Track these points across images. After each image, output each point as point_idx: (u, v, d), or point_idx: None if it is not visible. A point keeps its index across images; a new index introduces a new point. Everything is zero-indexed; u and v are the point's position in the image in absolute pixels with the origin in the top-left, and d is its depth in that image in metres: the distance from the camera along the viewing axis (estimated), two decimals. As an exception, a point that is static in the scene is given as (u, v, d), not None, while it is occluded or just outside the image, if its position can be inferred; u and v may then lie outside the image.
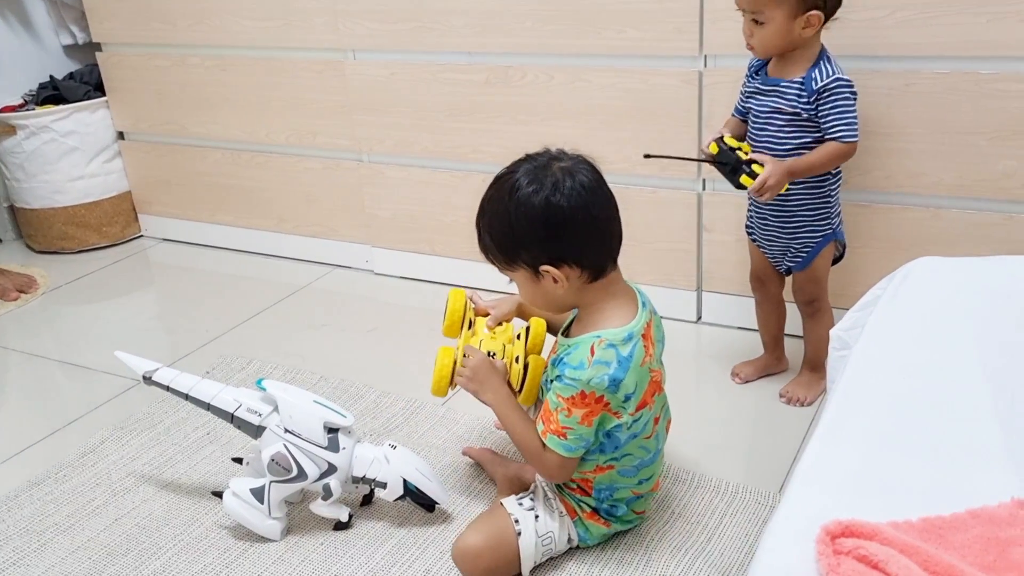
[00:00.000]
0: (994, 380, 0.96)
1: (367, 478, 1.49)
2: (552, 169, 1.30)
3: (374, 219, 2.51)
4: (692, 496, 1.57)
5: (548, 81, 2.11)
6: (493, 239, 1.34)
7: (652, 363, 1.34)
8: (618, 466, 1.38)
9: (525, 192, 1.28)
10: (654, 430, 1.38)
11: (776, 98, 1.65)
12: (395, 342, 2.20)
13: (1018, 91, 1.66)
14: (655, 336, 1.38)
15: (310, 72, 2.42)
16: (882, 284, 1.24)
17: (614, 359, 1.28)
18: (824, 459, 0.86)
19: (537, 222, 1.28)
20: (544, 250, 1.29)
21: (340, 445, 1.48)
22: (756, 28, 1.59)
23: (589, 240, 1.30)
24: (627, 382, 1.29)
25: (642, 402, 1.33)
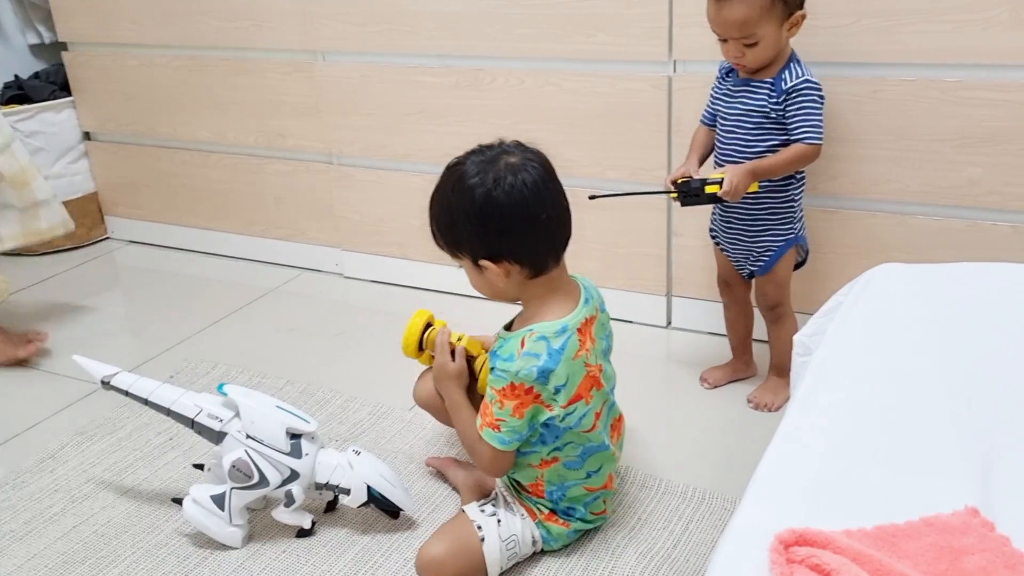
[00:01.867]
0: (952, 387, 0.96)
1: (330, 484, 1.48)
2: (499, 164, 1.29)
3: (344, 222, 2.49)
4: (659, 502, 1.57)
5: (518, 85, 2.10)
6: (438, 228, 1.35)
7: (589, 358, 1.34)
8: (562, 457, 1.38)
9: (468, 185, 1.29)
10: (595, 424, 1.37)
11: (746, 99, 1.65)
12: (363, 346, 2.18)
13: (983, 99, 1.67)
14: (597, 332, 1.38)
15: (279, 73, 2.40)
16: (844, 290, 1.24)
17: (544, 351, 1.29)
18: (781, 466, 0.86)
19: (475, 217, 1.28)
20: (483, 245, 1.31)
21: (303, 451, 1.46)
22: (748, 49, 1.58)
23: (529, 239, 1.31)
24: (558, 373, 1.29)
25: (576, 395, 1.33)
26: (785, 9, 1.55)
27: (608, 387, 1.41)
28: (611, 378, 1.43)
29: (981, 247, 1.77)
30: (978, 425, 0.90)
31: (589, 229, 2.14)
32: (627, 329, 2.17)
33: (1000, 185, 1.72)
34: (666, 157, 2.00)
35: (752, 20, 1.54)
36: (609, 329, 1.44)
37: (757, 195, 1.68)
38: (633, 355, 2.04)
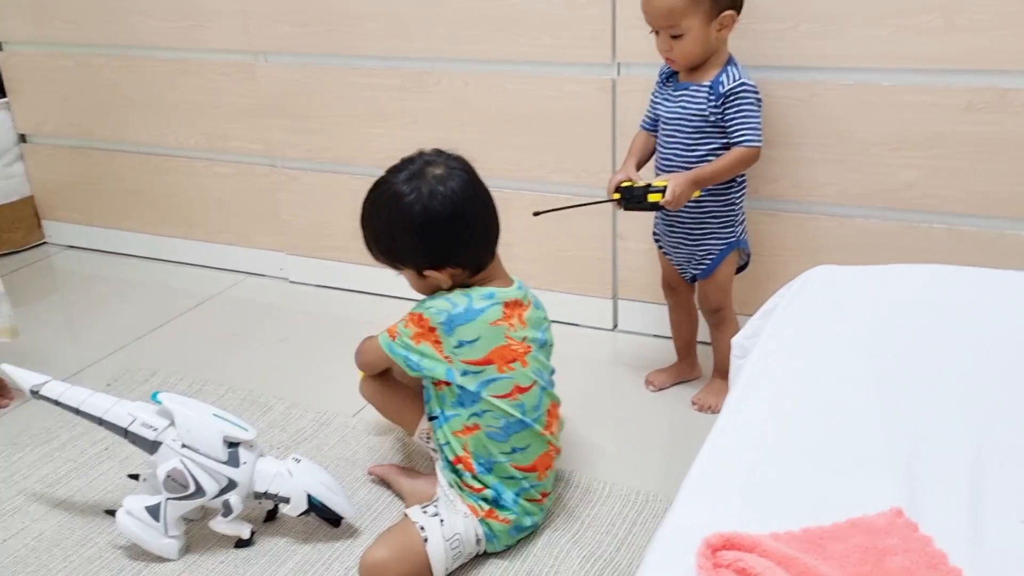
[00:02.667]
0: (881, 388, 0.97)
1: (269, 493, 1.45)
2: (427, 176, 1.37)
3: (288, 226, 2.46)
4: (603, 505, 1.57)
5: (463, 87, 2.09)
6: (377, 246, 1.43)
7: (511, 331, 1.40)
8: (483, 425, 1.41)
9: (404, 202, 1.36)
10: (515, 396, 1.40)
11: (685, 102, 1.66)
12: (308, 352, 2.15)
13: (918, 102, 1.70)
14: (530, 321, 1.44)
15: (220, 74, 2.36)
16: (781, 292, 1.26)
17: (463, 304, 1.38)
18: (713, 469, 0.86)
19: (415, 232, 1.36)
20: (425, 256, 1.38)
21: (241, 459, 1.43)
22: (675, 42, 1.60)
23: (466, 243, 1.39)
24: (465, 329, 1.37)
25: (486, 359, 1.38)
26: (714, 6, 1.57)
27: (534, 368, 1.43)
28: (545, 367, 1.47)
29: (918, 249, 1.80)
30: (904, 426, 0.91)
31: (536, 233, 2.13)
32: (574, 332, 2.17)
33: (935, 188, 1.75)
34: (610, 159, 2.00)
35: (677, 11, 1.56)
36: (546, 326, 1.49)
37: (699, 200, 1.69)
38: (580, 358, 2.04)
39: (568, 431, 1.71)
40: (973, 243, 1.75)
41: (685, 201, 1.62)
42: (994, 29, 1.60)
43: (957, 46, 1.64)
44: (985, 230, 1.74)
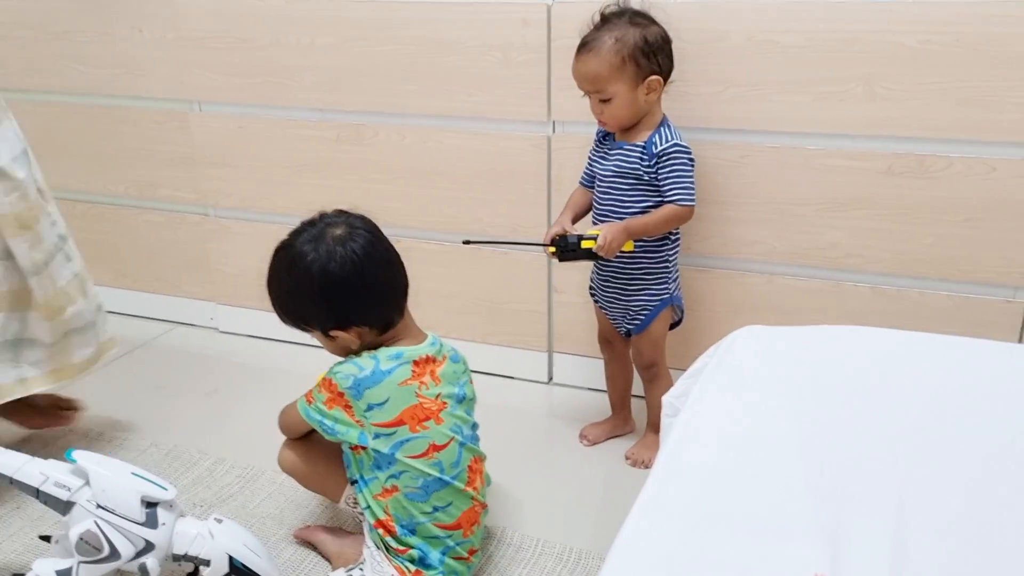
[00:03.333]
0: (806, 452, 0.98)
1: (189, 555, 1.40)
2: (327, 238, 1.38)
3: (220, 275, 2.42)
4: (535, 564, 1.55)
5: (400, 140, 2.10)
6: (282, 309, 1.44)
7: (423, 390, 1.39)
8: (401, 487, 1.38)
9: (302, 265, 1.37)
10: (431, 454, 1.38)
11: (620, 161, 1.69)
12: (236, 405, 2.10)
13: (842, 166, 1.76)
14: (446, 376, 1.43)
15: (152, 122, 2.33)
16: (710, 352, 1.27)
17: (370, 367, 1.37)
18: (640, 535, 0.86)
19: (317, 295, 1.37)
20: (330, 317, 1.39)
21: (159, 520, 1.38)
22: (604, 106, 1.65)
23: (370, 303, 1.39)
24: (373, 392, 1.36)
25: (397, 420, 1.36)
26: (638, 71, 1.61)
27: (450, 425, 1.41)
28: (464, 421, 1.45)
29: (844, 307, 1.84)
30: (829, 490, 0.92)
31: (471, 286, 2.14)
32: (509, 385, 2.17)
33: (858, 248, 1.80)
34: (546, 215, 2.02)
35: (602, 76, 1.61)
36: (465, 380, 1.49)
37: (633, 255, 1.71)
38: (514, 411, 2.03)
39: (501, 486, 1.70)
40: (895, 302, 1.80)
41: (617, 248, 1.64)
42: (912, 98, 1.67)
43: (878, 113, 1.70)
44: (906, 290, 1.80)
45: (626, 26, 1.62)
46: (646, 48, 1.61)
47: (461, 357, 1.49)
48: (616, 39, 1.60)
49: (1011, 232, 1.69)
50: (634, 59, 1.61)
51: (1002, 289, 1.74)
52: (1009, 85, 1.61)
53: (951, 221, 1.72)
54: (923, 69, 1.65)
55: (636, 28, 1.62)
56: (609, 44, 1.60)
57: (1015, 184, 1.66)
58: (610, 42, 1.60)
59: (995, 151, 1.66)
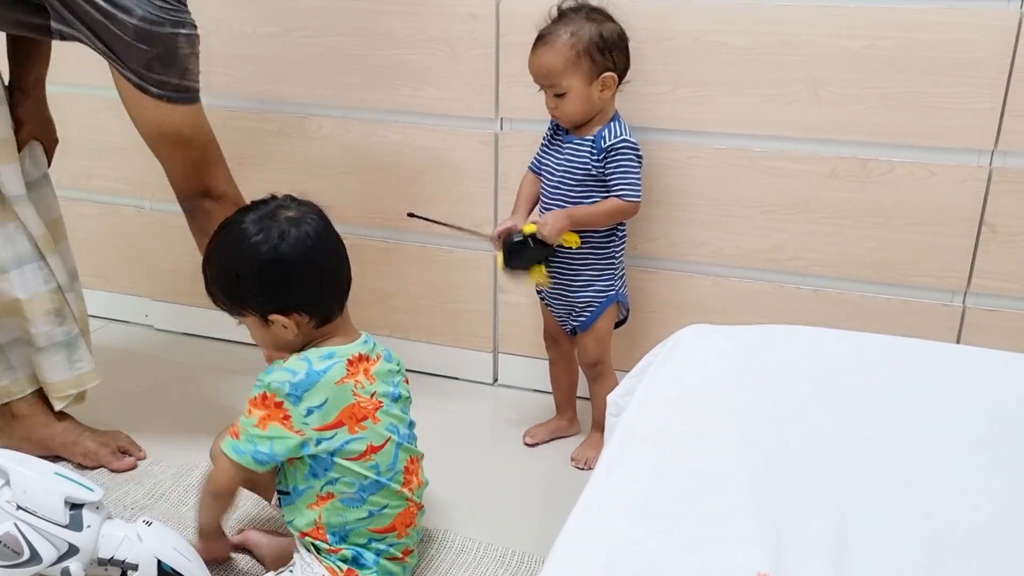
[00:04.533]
0: (749, 450, 0.98)
1: (115, 559, 1.34)
2: (279, 218, 1.32)
3: (155, 271, 2.35)
4: (476, 567, 1.52)
5: (344, 134, 2.06)
6: (220, 288, 1.37)
7: (358, 389, 1.34)
8: (337, 493, 1.33)
9: (251, 243, 1.30)
10: (368, 456, 1.34)
11: (570, 155, 1.69)
12: (170, 403, 2.04)
13: (786, 168, 1.77)
14: (381, 376, 1.39)
15: (89, 111, 2.25)
16: (655, 351, 1.26)
17: (303, 369, 1.30)
18: (581, 536, 0.84)
19: (263, 273, 1.31)
20: (270, 300, 1.32)
21: (84, 523, 1.32)
22: (559, 100, 1.64)
23: (314, 289, 1.34)
24: (311, 394, 1.29)
25: (336, 421, 1.31)
26: (593, 67, 1.61)
27: (386, 424, 1.37)
28: (401, 420, 1.41)
29: (787, 309, 1.85)
30: (772, 490, 0.91)
31: (415, 284, 2.10)
32: (454, 386, 2.14)
33: (802, 251, 1.81)
34: (492, 212, 2.00)
35: (556, 70, 1.60)
36: (399, 379, 1.44)
37: (579, 251, 1.70)
38: (459, 412, 2.00)
39: (443, 488, 1.67)
40: (837, 304, 1.82)
41: (559, 233, 1.66)
42: (855, 103, 1.69)
43: (822, 117, 1.72)
44: (848, 293, 1.81)
45: (582, 21, 1.61)
46: (601, 44, 1.61)
47: (395, 356, 1.45)
48: (571, 33, 1.60)
49: (949, 237, 1.72)
50: (589, 54, 1.60)
51: (941, 293, 1.76)
52: (948, 91, 1.64)
53: (892, 225, 1.74)
54: (866, 74, 1.67)
55: (592, 24, 1.61)
56: (564, 38, 1.60)
57: (952, 189, 1.69)
58: (565, 36, 1.60)
59: (934, 156, 1.69)
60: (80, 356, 1.76)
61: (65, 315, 1.72)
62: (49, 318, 1.69)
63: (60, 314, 1.71)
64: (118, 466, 1.77)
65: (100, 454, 1.78)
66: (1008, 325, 1.73)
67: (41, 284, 1.67)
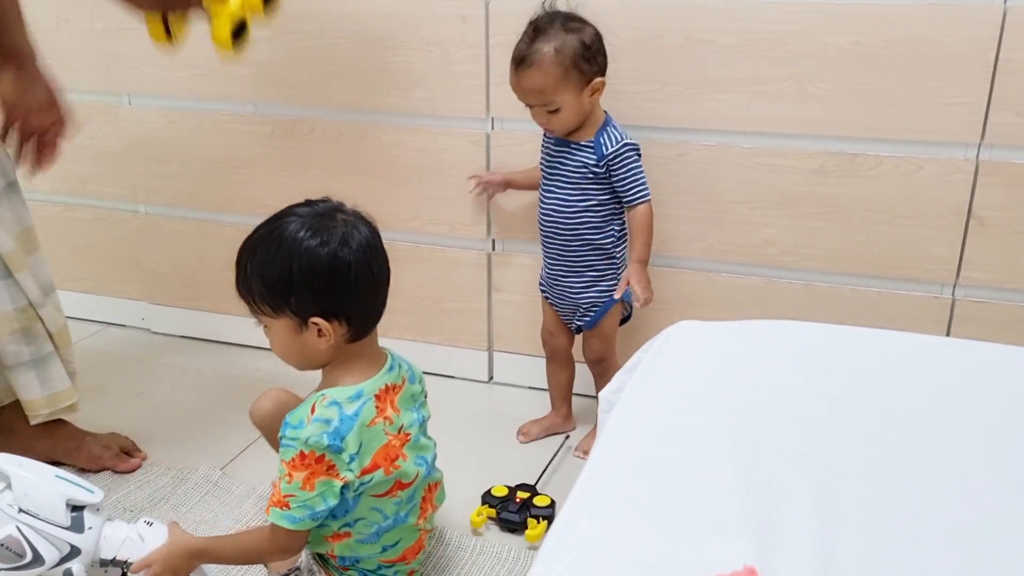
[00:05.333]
0: (737, 444, 0.99)
1: (118, 560, 1.35)
2: (337, 220, 1.26)
3: (151, 274, 2.36)
4: (474, 563, 1.54)
5: (337, 136, 2.07)
6: (265, 283, 1.24)
7: (388, 427, 1.28)
8: (355, 534, 1.31)
9: (311, 241, 1.22)
10: (395, 493, 1.31)
11: (566, 159, 1.70)
12: (168, 406, 2.05)
13: (773, 164, 1.78)
14: (403, 404, 1.33)
15: (80, 116, 2.24)
16: (645, 347, 1.27)
17: (336, 416, 1.22)
18: (570, 532, 0.85)
19: (320, 272, 1.22)
20: (318, 301, 1.23)
21: (86, 524, 1.33)
22: (552, 116, 1.64)
23: (365, 298, 1.27)
24: (349, 441, 1.22)
25: (372, 465, 1.26)
26: (581, 77, 1.61)
27: (415, 459, 1.33)
28: (426, 448, 1.37)
29: (779, 304, 1.87)
30: (758, 483, 0.93)
31: (410, 284, 2.12)
32: (449, 384, 2.15)
33: (792, 246, 1.83)
34: (485, 212, 2.01)
35: (549, 88, 1.59)
36: (422, 400, 1.39)
37: (582, 254, 1.73)
38: (455, 410, 2.02)
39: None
40: (828, 298, 1.84)
41: (650, 283, 1.71)
42: (842, 98, 1.70)
43: (810, 113, 1.73)
44: (837, 286, 1.83)
45: (562, 34, 1.59)
46: (586, 53, 1.60)
47: (417, 373, 1.39)
48: (555, 50, 1.58)
49: (937, 230, 1.73)
50: (576, 66, 1.59)
51: (930, 285, 1.78)
52: (933, 86, 1.65)
53: (881, 219, 1.76)
54: (853, 69, 1.68)
55: (572, 34, 1.60)
56: (550, 56, 1.58)
57: (940, 183, 1.70)
58: (550, 53, 1.58)
59: (921, 150, 1.70)
60: (53, 375, 1.69)
61: (35, 334, 1.65)
62: (16, 337, 1.62)
63: (28, 333, 1.64)
64: (123, 468, 1.79)
65: (104, 457, 1.79)
66: (997, 316, 1.74)
67: (7, 303, 1.60)
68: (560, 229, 1.74)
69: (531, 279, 1.94)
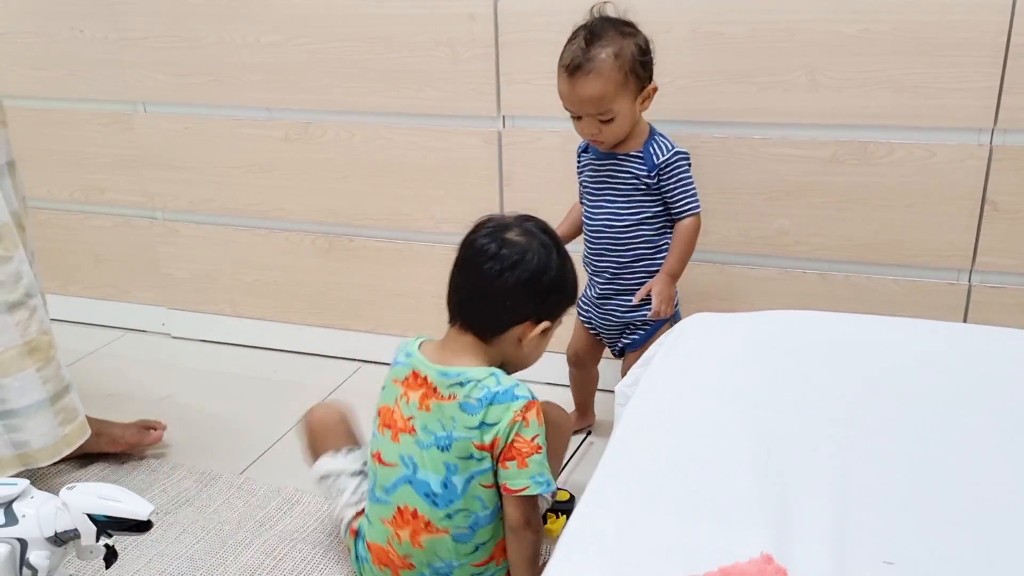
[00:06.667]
0: (753, 434, 1.00)
1: (59, 534, 1.33)
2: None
3: (170, 279, 2.38)
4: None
5: (349, 138, 2.08)
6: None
7: (402, 401, 1.34)
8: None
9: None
10: (375, 460, 1.36)
11: (613, 171, 1.64)
12: (190, 409, 2.07)
13: (786, 155, 1.78)
14: (439, 410, 1.31)
15: (96, 125, 2.29)
16: (660, 340, 1.28)
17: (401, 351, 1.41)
18: (589, 522, 0.86)
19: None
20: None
21: (19, 514, 1.31)
22: (604, 125, 1.56)
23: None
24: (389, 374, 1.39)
25: (378, 410, 1.38)
26: (638, 83, 1.55)
27: (405, 451, 1.32)
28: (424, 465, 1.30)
29: (794, 294, 1.87)
30: (773, 472, 0.93)
31: (424, 284, 2.13)
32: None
33: (806, 236, 1.82)
34: (498, 210, 2.02)
35: (608, 96, 1.52)
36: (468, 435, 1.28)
37: (636, 270, 1.68)
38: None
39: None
40: (843, 287, 1.83)
41: (673, 300, 1.64)
42: (853, 87, 1.70)
43: (821, 102, 1.73)
44: (852, 275, 1.83)
45: (619, 38, 1.53)
46: (643, 58, 1.55)
47: (493, 403, 1.27)
48: (615, 55, 1.51)
49: (952, 216, 1.73)
50: (635, 72, 1.54)
51: (946, 272, 1.77)
52: (945, 72, 1.64)
53: (895, 206, 1.75)
54: (862, 57, 1.68)
55: (629, 39, 1.54)
56: (610, 62, 1.51)
57: (953, 168, 1.69)
58: (610, 60, 1.51)
59: (934, 136, 1.70)
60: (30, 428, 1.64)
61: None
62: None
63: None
64: (148, 441, 1.86)
65: (126, 436, 1.85)
66: (1014, 301, 1.74)
67: None
68: (613, 245, 1.66)
69: (546, 277, 1.95)
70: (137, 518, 1.31)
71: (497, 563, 1.36)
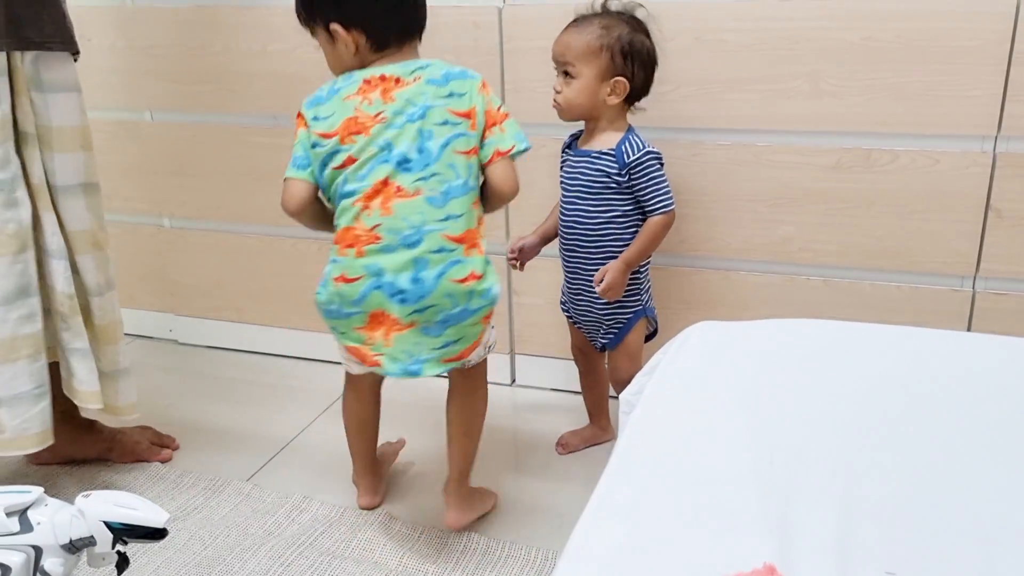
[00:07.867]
0: (756, 444, 1.00)
1: (73, 541, 1.34)
2: None
3: (178, 286, 2.40)
4: (504, 566, 1.55)
5: (355, 146, 2.09)
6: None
7: (363, 106, 1.40)
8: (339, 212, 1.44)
9: None
10: (344, 166, 1.41)
11: (586, 168, 1.68)
12: (198, 416, 2.09)
13: (789, 162, 1.79)
14: (405, 95, 1.40)
15: (103, 133, 2.30)
16: (664, 348, 1.29)
17: (326, 88, 1.47)
18: (592, 533, 0.87)
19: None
20: (335, 9, 1.41)
21: (34, 522, 1.33)
22: (565, 83, 1.63)
23: (377, 7, 1.41)
24: (323, 108, 1.44)
25: (333, 132, 1.41)
26: (610, 66, 1.60)
27: (381, 140, 1.39)
28: (399, 139, 1.39)
29: (798, 301, 1.87)
30: (777, 481, 0.94)
31: (430, 289, 2.13)
32: (472, 388, 2.17)
33: (810, 242, 1.83)
34: (503, 218, 2.03)
35: (575, 51, 1.61)
36: (444, 103, 1.42)
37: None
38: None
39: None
40: (847, 294, 1.84)
41: (622, 288, 1.66)
42: (856, 94, 1.71)
43: (824, 109, 1.73)
44: (857, 281, 1.83)
45: (619, 22, 1.62)
46: (627, 49, 1.61)
47: (453, 77, 1.44)
48: (604, 27, 1.60)
49: (955, 223, 1.73)
50: (611, 51, 1.60)
51: (950, 279, 1.78)
52: (949, 79, 1.65)
53: (899, 213, 1.76)
54: (866, 65, 1.68)
55: (628, 28, 1.62)
56: (595, 27, 1.60)
57: (956, 175, 1.70)
58: (597, 26, 1.60)
59: (937, 144, 1.70)
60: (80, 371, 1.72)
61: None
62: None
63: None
64: (158, 459, 1.89)
65: (137, 450, 1.88)
66: (1018, 307, 1.74)
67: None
68: (582, 241, 1.71)
69: (551, 282, 1.96)
70: (153, 525, 1.33)
71: (467, 251, 1.43)
